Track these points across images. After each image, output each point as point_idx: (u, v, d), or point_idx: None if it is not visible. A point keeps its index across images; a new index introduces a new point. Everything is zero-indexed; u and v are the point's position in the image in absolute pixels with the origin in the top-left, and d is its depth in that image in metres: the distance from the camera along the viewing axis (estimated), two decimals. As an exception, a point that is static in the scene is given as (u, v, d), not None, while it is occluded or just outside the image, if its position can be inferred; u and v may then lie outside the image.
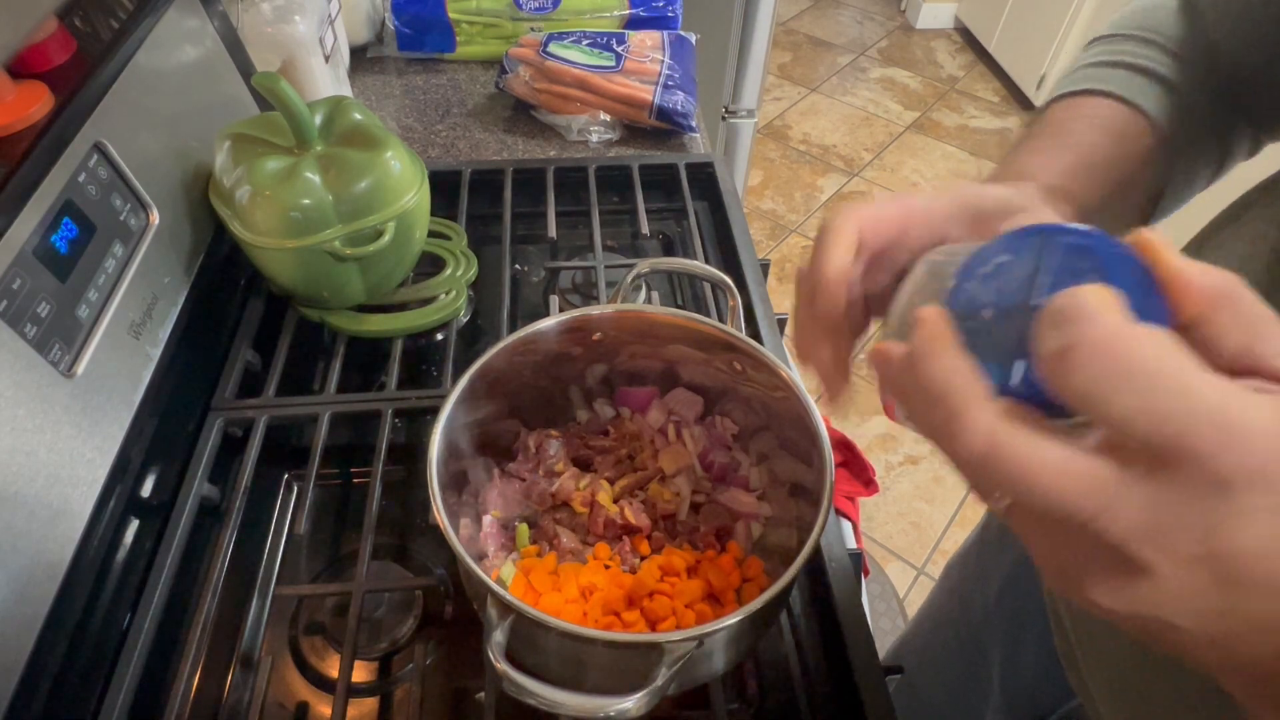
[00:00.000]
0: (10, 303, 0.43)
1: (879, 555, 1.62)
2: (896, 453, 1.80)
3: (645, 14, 1.06)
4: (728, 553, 0.51)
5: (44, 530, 0.45)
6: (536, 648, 0.42)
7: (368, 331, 0.68)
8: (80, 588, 0.48)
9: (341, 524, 0.62)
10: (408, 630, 0.55)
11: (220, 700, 0.52)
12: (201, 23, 0.68)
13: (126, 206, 0.55)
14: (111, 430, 0.52)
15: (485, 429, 0.53)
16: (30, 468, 0.44)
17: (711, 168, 0.86)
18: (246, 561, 0.58)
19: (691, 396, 0.58)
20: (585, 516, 0.53)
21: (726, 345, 0.52)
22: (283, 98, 0.58)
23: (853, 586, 0.53)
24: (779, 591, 0.40)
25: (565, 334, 0.52)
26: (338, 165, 0.60)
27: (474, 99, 1.02)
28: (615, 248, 0.83)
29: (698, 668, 0.43)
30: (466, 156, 0.93)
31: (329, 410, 0.61)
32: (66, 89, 0.51)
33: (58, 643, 0.45)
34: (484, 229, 0.82)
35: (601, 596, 0.48)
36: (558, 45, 0.96)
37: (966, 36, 3.21)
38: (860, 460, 0.95)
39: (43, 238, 0.46)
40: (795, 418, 0.48)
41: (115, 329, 0.53)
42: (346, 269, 0.64)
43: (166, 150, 0.61)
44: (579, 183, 0.84)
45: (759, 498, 0.54)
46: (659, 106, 0.92)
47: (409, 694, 0.51)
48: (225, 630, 0.54)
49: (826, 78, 3.01)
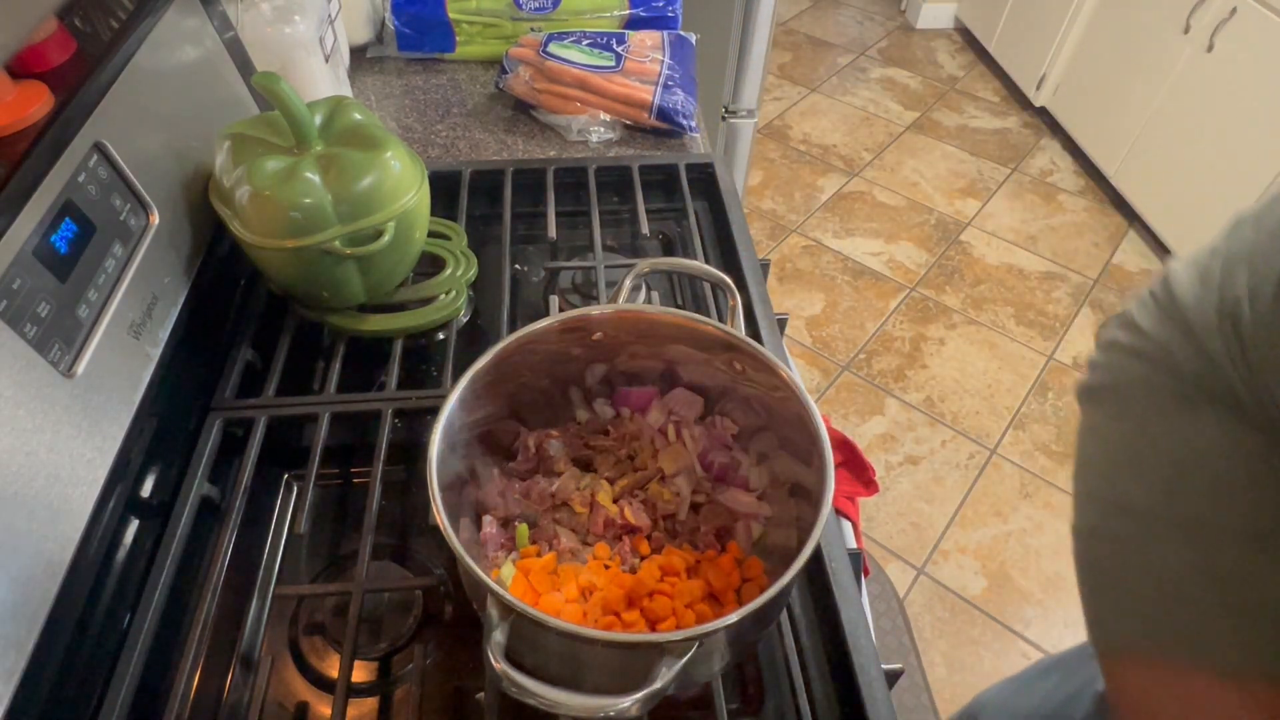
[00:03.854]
0: (10, 303, 0.43)
1: (879, 555, 1.62)
2: (896, 453, 1.80)
3: (645, 14, 1.06)
4: (728, 553, 0.51)
5: (44, 530, 0.45)
6: (536, 648, 0.41)
7: (368, 331, 0.68)
8: (80, 588, 0.48)
9: (341, 524, 0.62)
10: (408, 630, 0.55)
11: (220, 700, 0.52)
12: (201, 23, 0.68)
13: (126, 206, 0.55)
14: (111, 430, 0.52)
15: (485, 429, 0.53)
16: (30, 468, 0.44)
17: (711, 168, 0.86)
18: (246, 561, 0.58)
19: (691, 396, 0.58)
20: (585, 516, 0.53)
21: (726, 345, 0.52)
22: (282, 98, 0.58)
23: (853, 586, 0.53)
24: (779, 591, 0.40)
25: (565, 334, 0.52)
26: (338, 165, 0.60)
27: (474, 99, 1.02)
28: (615, 248, 0.83)
29: (698, 668, 0.43)
30: (466, 156, 0.93)
31: (329, 410, 0.61)
32: (66, 89, 0.51)
33: (58, 643, 0.45)
34: (484, 229, 0.82)
35: (601, 596, 0.48)
36: (558, 45, 0.96)
37: (966, 36, 3.21)
38: (860, 460, 0.95)
39: (43, 238, 0.46)
40: (795, 418, 0.48)
41: (115, 329, 0.53)
42: (346, 269, 0.64)
43: (166, 150, 0.61)
44: (579, 183, 0.84)
45: (759, 498, 0.54)
46: (659, 106, 0.92)
47: (409, 694, 0.51)
48: (225, 630, 0.54)
49: (826, 78, 3.01)
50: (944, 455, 1.80)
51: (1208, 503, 0.33)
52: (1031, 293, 2.17)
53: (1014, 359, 2.00)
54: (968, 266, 2.24)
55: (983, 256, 2.27)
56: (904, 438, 1.83)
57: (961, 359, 2.00)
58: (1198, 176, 2.03)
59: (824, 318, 2.09)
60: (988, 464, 1.78)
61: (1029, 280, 2.20)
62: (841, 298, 2.14)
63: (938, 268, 2.23)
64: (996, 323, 2.09)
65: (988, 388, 1.93)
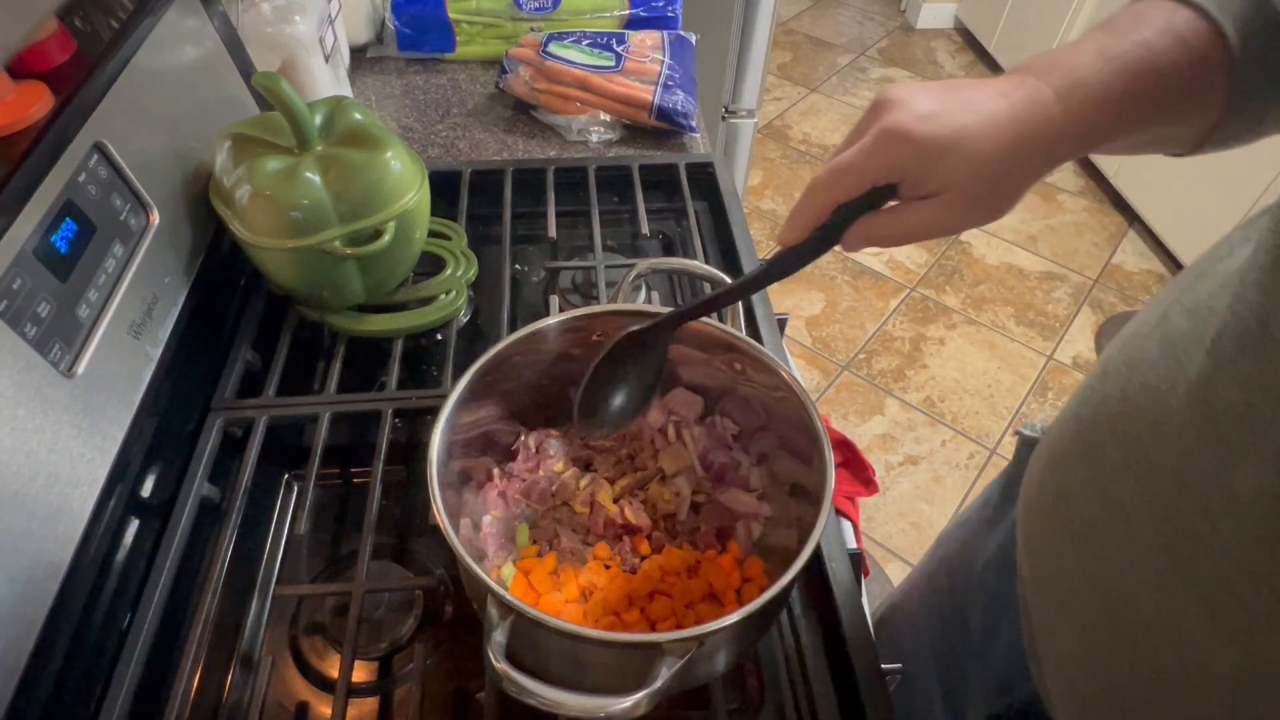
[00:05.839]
0: (10, 303, 0.43)
1: (879, 555, 1.62)
2: (896, 453, 1.80)
3: (645, 14, 1.06)
4: (728, 553, 0.51)
5: (44, 530, 0.45)
6: (536, 648, 0.42)
7: (368, 331, 0.68)
8: (80, 588, 0.48)
9: (341, 524, 0.62)
10: (408, 630, 0.55)
11: (220, 700, 0.52)
12: (201, 23, 0.68)
13: (126, 206, 0.55)
14: (111, 430, 0.52)
15: (485, 429, 0.53)
16: (30, 468, 0.44)
17: (711, 168, 0.86)
18: (246, 561, 0.58)
19: (691, 396, 0.58)
20: (585, 516, 0.53)
21: (726, 345, 0.52)
22: (283, 98, 0.58)
23: (853, 586, 0.53)
24: (779, 591, 0.40)
25: (565, 334, 0.52)
26: (338, 165, 0.60)
27: (474, 99, 1.02)
28: (615, 248, 0.83)
29: (698, 668, 0.43)
30: (466, 156, 0.93)
31: (329, 410, 0.61)
32: (66, 89, 0.51)
33: (58, 643, 0.45)
34: (484, 229, 0.82)
35: (601, 596, 0.48)
36: (558, 45, 0.96)
37: (966, 36, 3.21)
38: (860, 460, 0.95)
39: (43, 238, 0.46)
40: (795, 418, 0.48)
41: (115, 329, 0.53)
42: (346, 269, 0.64)
43: (166, 150, 0.61)
44: (579, 183, 0.84)
45: (759, 498, 0.54)
46: (659, 106, 0.92)
47: (409, 694, 0.51)
48: (225, 630, 0.54)
49: (826, 78, 3.01)
50: (944, 455, 1.80)
51: None
52: (1031, 293, 2.17)
53: (1014, 359, 2.00)
54: (968, 266, 2.24)
55: (983, 256, 2.27)
56: (904, 438, 1.83)
57: (961, 359, 2.00)
58: (1197, 176, 2.03)
59: (824, 318, 2.09)
60: (988, 464, 1.78)
61: (1029, 280, 2.21)
62: (841, 297, 2.14)
63: (938, 267, 2.23)
64: (996, 323, 2.09)
65: (988, 388, 1.93)
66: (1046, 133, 0.37)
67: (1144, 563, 0.36)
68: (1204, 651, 0.33)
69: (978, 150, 0.37)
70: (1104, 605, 0.39)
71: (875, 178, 0.39)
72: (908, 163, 0.38)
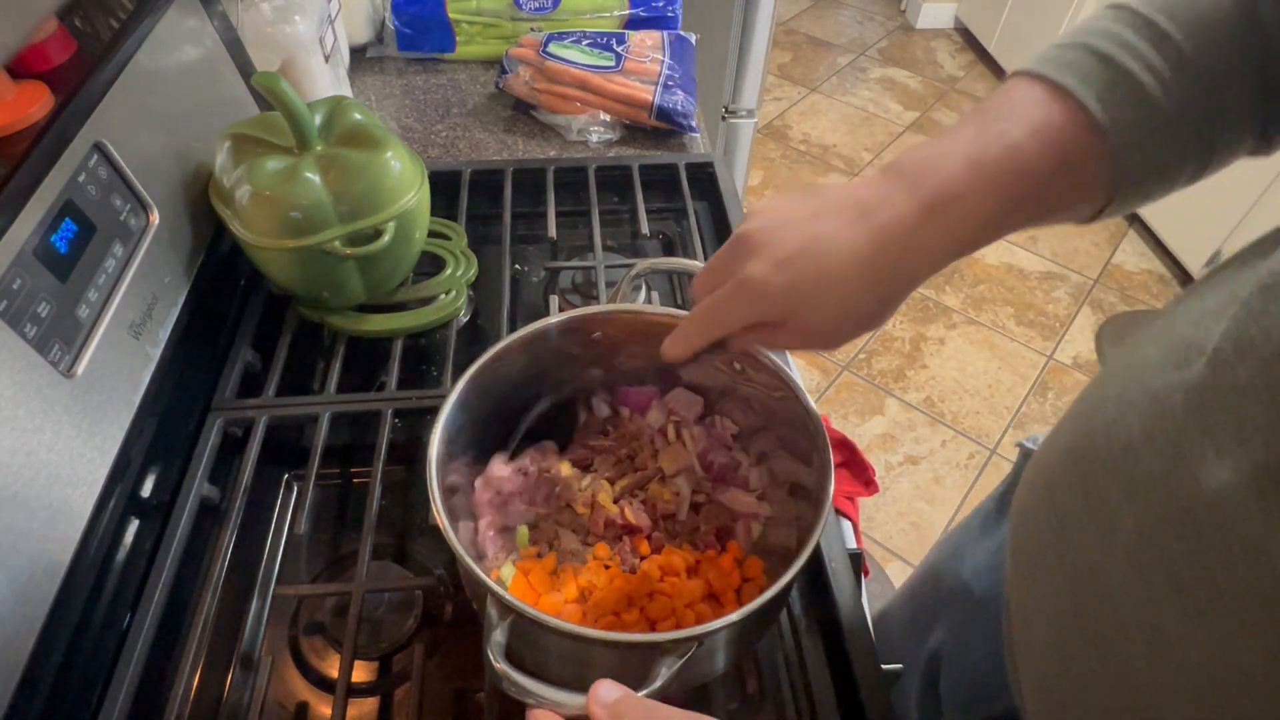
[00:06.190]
0: (10, 303, 0.43)
1: (879, 555, 1.62)
2: (896, 453, 1.80)
3: (645, 14, 1.06)
4: (728, 553, 0.51)
5: (44, 530, 0.45)
6: (536, 648, 0.42)
7: (368, 331, 0.68)
8: (80, 588, 0.48)
9: (341, 524, 0.62)
10: (408, 630, 0.55)
11: (220, 700, 0.52)
12: (201, 23, 0.68)
13: (126, 206, 0.55)
14: (111, 430, 0.52)
15: (486, 429, 0.53)
16: (30, 468, 0.44)
17: (711, 168, 0.86)
18: (246, 561, 0.58)
19: (691, 396, 0.57)
20: (585, 517, 0.53)
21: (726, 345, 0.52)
22: (283, 98, 0.58)
23: (853, 586, 0.53)
24: (779, 591, 0.40)
25: (565, 334, 0.52)
26: (338, 165, 0.60)
27: (474, 99, 1.02)
28: (615, 248, 0.83)
29: (698, 668, 0.43)
30: (466, 156, 0.93)
31: (329, 410, 0.61)
32: (66, 89, 0.51)
33: (58, 643, 0.45)
34: (484, 229, 0.82)
35: (601, 596, 0.48)
36: (558, 45, 0.96)
37: (966, 36, 3.21)
38: (860, 460, 0.95)
39: (43, 238, 0.46)
40: (795, 418, 0.48)
41: (115, 329, 0.53)
42: (346, 269, 0.64)
43: (166, 150, 0.61)
44: (579, 183, 0.84)
45: (759, 498, 0.54)
46: (659, 106, 0.92)
47: (409, 694, 0.51)
48: (225, 630, 0.54)
49: (826, 78, 3.01)
50: (944, 455, 1.80)
51: None
52: (1031, 292, 2.17)
53: (1014, 359, 2.00)
54: (968, 266, 2.24)
55: (982, 256, 2.27)
56: (904, 438, 1.83)
57: (961, 359, 2.00)
58: (1198, 176, 2.03)
59: (824, 318, 2.08)
60: (988, 464, 1.78)
61: (1029, 280, 2.21)
62: (841, 298, 2.13)
63: (938, 268, 2.23)
64: (996, 323, 2.09)
65: (988, 388, 1.93)
66: (910, 259, 0.39)
67: (1119, 549, 0.36)
68: (1172, 639, 0.33)
69: (839, 293, 0.38)
70: (1075, 590, 0.39)
71: (743, 322, 0.41)
72: (769, 311, 0.40)
